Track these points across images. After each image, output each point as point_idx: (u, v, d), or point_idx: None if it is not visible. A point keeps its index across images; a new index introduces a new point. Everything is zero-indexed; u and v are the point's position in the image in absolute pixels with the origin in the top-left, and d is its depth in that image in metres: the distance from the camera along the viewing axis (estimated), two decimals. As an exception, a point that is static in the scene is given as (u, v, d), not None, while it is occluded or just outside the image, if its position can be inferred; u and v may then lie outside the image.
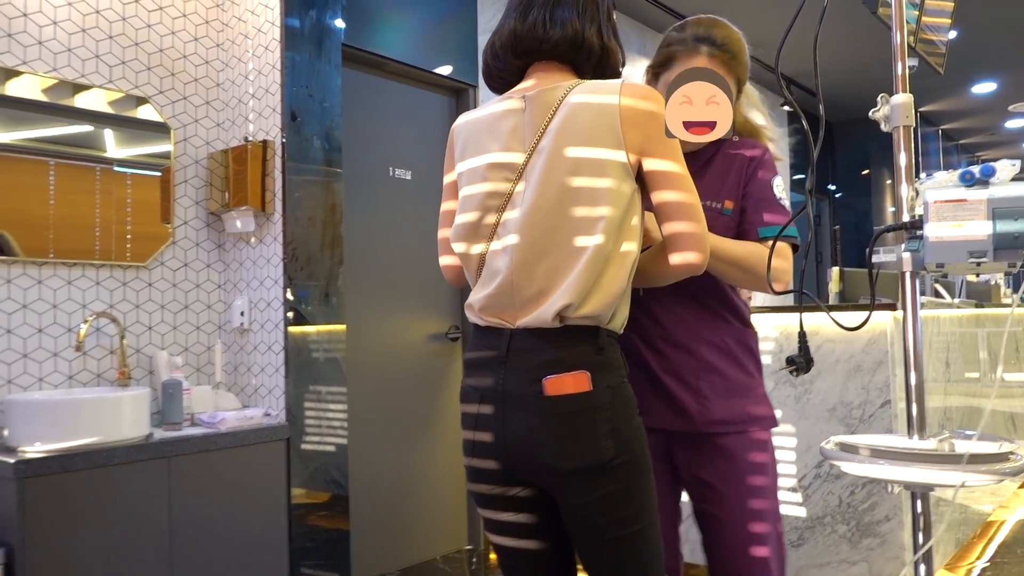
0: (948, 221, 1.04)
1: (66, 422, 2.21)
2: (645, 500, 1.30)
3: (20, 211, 2.45)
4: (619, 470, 1.27)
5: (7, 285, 2.41)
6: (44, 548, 2.09)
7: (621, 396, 1.30)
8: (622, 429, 1.28)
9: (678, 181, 1.31)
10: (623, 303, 1.34)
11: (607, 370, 1.29)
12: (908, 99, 1.14)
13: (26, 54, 2.49)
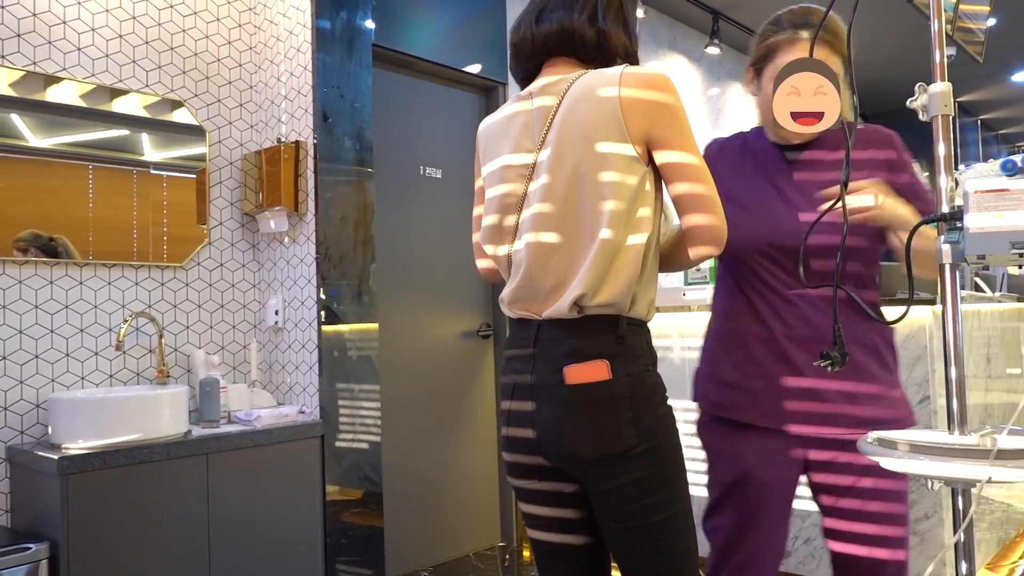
0: (989, 211, 1.02)
1: (107, 420, 2.26)
2: (672, 489, 1.29)
3: (61, 214, 2.51)
4: (642, 458, 1.26)
5: (50, 286, 2.47)
6: (86, 542, 2.14)
7: (643, 384, 1.29)
8: (643, 417, 1.27)
9: (691, 172, 1.30)
10: (644, 291, 1.33)
11: (628, 358, 1.29)
12: (947, 87, 1.11)
13: (65, 60, 2.54)
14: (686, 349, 3.15)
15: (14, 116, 2.42)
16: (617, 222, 1.28)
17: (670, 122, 1.29)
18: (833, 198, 1.27)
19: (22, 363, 2.41)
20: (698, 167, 1.30)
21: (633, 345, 1.30)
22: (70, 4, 2.56)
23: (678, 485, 1.31)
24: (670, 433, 1.30)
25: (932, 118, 1.13)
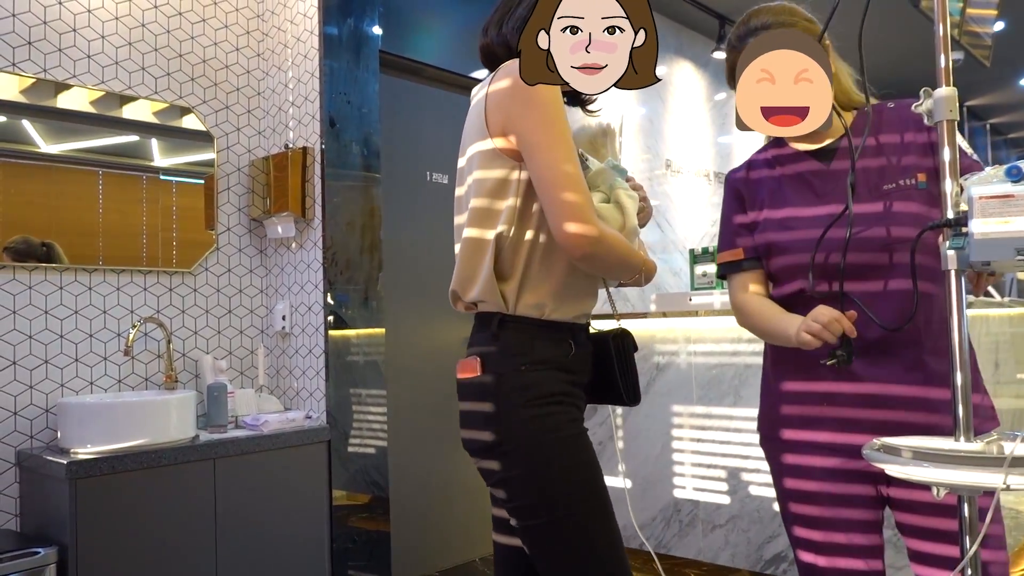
0: (994, 217, 1.00)
1: (116, 424, 2.27)
2: (547, 493, 1.24)
3: (71, 220, 2.53)
4: (507, 458, 1.26)
5: (59, 292, 2.49)
6: (95, 547, 2.15)
7: (510, 383, 1.27)
8: (508, 417, 1.25)
9: (537, 151, 1.24)
10: (532, 288, 1.30)
11: (501, 356, 1.28)
12: (952, 92, 1.10)
13: (75, 68, 2.56)
14: (693, 354, 3.15)
15: (25, 123, 2.44)
16: (477, 218, 1.30)
17: (517, 105, 1.24)
18: None
19: (32, 368, 2.42)
20: (543, 144, 1.23)
21: (509, 343, 1.29)
22: (80, 12, 2.59)
23: (555, 490, 1.24)
24: (542, 435, 1.25)
25: (937, 123, 1.11)
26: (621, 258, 1.32)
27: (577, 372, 1.35)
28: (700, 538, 3.10)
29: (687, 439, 3.16)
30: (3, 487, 2.34)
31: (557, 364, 1.30)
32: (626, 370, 1.42)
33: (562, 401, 1.29)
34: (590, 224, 1.22)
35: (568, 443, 1.27)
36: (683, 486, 3.16)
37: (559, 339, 1.32)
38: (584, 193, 1.24)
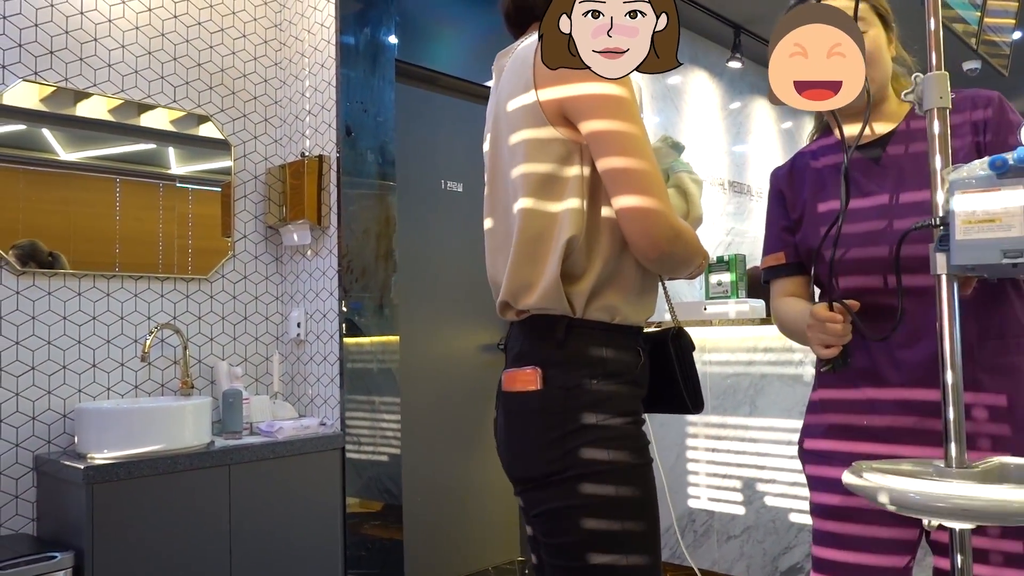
0: (979, 216, 0.91)
1: (132, 430, 2.29)
2: (607, 532, 1.09)
3: (89, 227, 2.55)
4: (565, 486, 1.10)
5: (77, 298, 2.51)
6: (111, 551, 2.16)
7: (582, 400, 1.12)
8: (574, 437, 1.11)
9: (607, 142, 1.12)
10: (603, 288, 1.16)
11: (567, 367, 1.14)
12: (943, 76, 0.99)
13: (96, 77, 2.60)
14: (708, 364, 3.13)
15: (45, 131, 2.48)
16: (532, 187, 1.16)
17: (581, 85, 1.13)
18: None
19: (50, 373, 2.44)
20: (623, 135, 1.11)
21: (577, 351, 1.14)
22: (101, 22, 2.62)
23: (627, 526, 1.10)
24: (614, 463, 1.11)
25: (927, 111, 1.00)
26: (693, 252, 1.19)
27: (645, 385, 1.22)
28: (715, 549, 3.08)
29: (702, 448, 3.14)
30: (21, 491, 2.36)
31: (630, 377, 1.17)
32: (688, 373, 1.28)
33: (637, 421, 1.16)
34: (670, 219, 1.12)
35: (640, 473, 1.13)
36: (698, 496, 3.14)
37: (630, 346, 1.18)
38: (662, 185, 1.13)
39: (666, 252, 1.13)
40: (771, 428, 2.91)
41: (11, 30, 2.42)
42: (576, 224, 1.14)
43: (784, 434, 2.87)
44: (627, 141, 1.11)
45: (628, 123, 1.11)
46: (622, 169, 1.11)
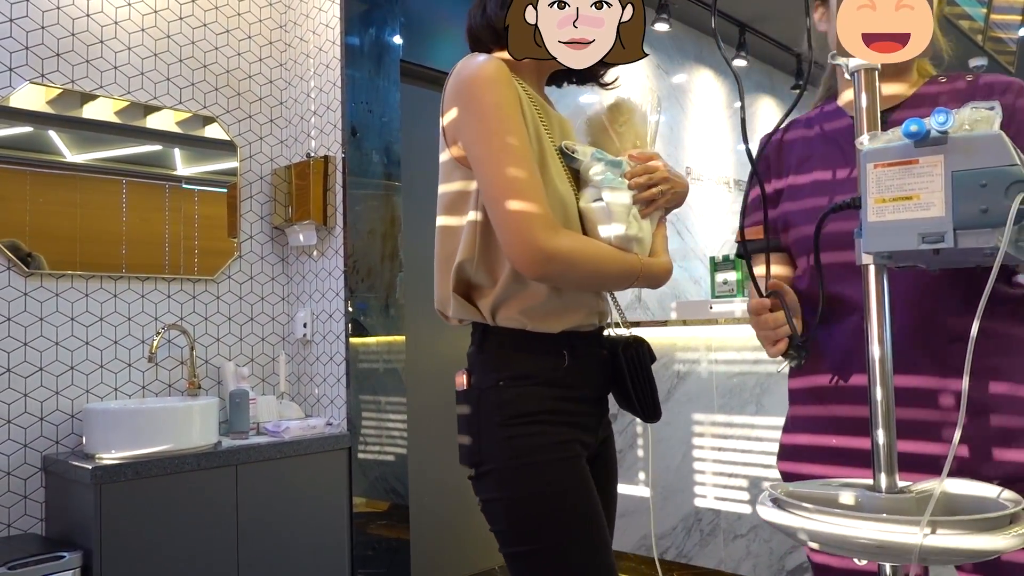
0: (893, 193, 0.78)
1: (140, 430, 2.30)
2: (522, 522, 1.13)
3: (95, 228, 2.56)
4: (485, 480, 1.16)
5: (85, 299, 2.53)
6: (119, 551, 2.17)
7: (489, 400, 1.16)
8: (484, 435, 1.16)
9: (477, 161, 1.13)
10: (511, 297, 1.17)
11: (484, 370, 1.19)
12: None
13: (102, 79, 2.61)
14: (714, 363, 3.13)
15: (51, 132, 2.49)
16: (441, 237, 1.23)
17: (460, 111, 1.15)
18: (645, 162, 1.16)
19: (58, 374, 2.45)
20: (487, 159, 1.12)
21: (491, 355, 1.19)
22: (107, 24, 2.63)
23: (531, 520, 1.13)
24: (516, 459, 1.14)
25: (854, 75, 0.91)
26: (595, 271, 1.17)
27: (576, 386, 1.22)
28: (721, 548, 3.08)
29: (708, 448, 3.14)
30: (29, 491, 2.37)
31: (544, 378, 1.18)
32: (640, 383, 1.28)
33: (546, 420, 1.16)
34: (537, 240, 1.08)
35: (549, 468, 1.14)
36: (704, 495, 3.14)
37: (549, 351, 1.19)
38: (534, 201, 1.09)
39: (547, 271, 1.11)
40: (777, 427, 2.89)
41: (18, 32, 2.43)
42: (468, 245, 1.18)
43: (790, 433, 2.86)
44: (492, 153, 1.10)
45: (495, 134, 1.10)
46: (487, 182, 1.12)
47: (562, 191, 1.18)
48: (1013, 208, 0.71)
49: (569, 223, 1.18)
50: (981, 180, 0.73)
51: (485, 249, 1.17)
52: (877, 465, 0.83)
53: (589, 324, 1.25)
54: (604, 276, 1.20)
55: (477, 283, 1.20)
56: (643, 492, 3.30)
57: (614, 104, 1.32)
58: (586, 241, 1.17)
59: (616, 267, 1.19)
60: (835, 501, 0.85)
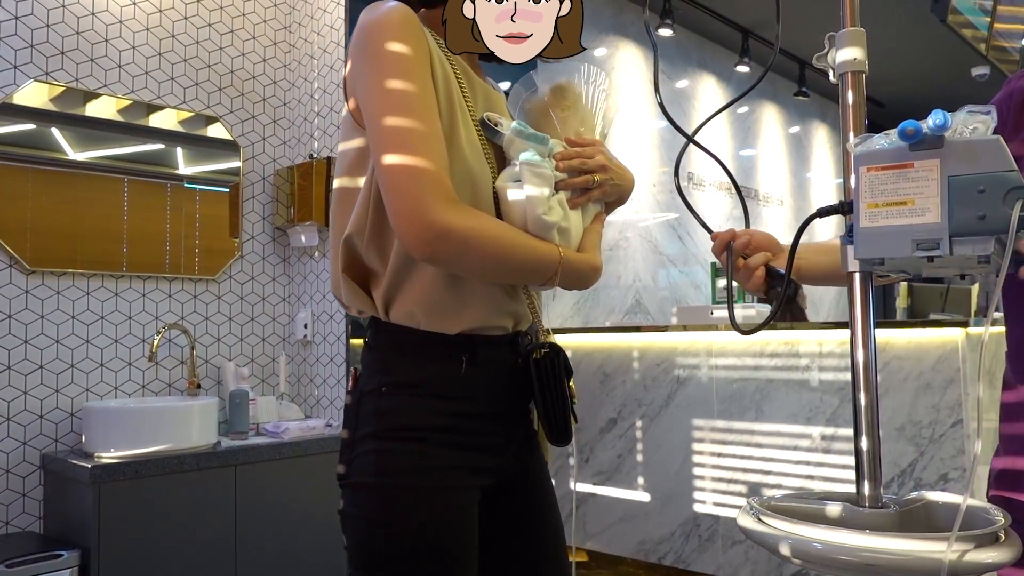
0: (886, 198, 0.75)
1: (139, 429, 2.29)
2: (372, 551, 1.00)
3: (96, 226, 2.56)
4: (347, 490, 1.04)
5: (86, 298, 2.53)
6: (117, 550, 2.17)
7: (368, 407, 1.03)
8: (358, 443, 1.03)
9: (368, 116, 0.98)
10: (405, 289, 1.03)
11: (371, 371, 1.05)
12: (859, 33, 0.87)
13: (107, 77, 2.61)
14: (714, 368, 3.13)
15: (54, 130, 2.49)
16: (336, 204, 1.08)
17: (357, 60, 1.00)
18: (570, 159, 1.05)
19: (58, 372, 2.45)
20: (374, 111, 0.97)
21: (378, 357, 1.05)
22: (112, 23, 2.63)
23: (379, 549, 1.00)
24: (384, 478, 1.00)
25: (840, 76, 0.87)
26: (499, 256, 0.99)
27: (477, 399, 1.05)
28: (720, 553, 3.07)
29: (707, 453, 3.13)
30: (28, 489, 2.37)
31: (433, 389, 1.02)
32: (551, 400, 1.08)
33: (427, 439, 1.01)
34: (426, 207, 0.92)
35: (416, 495, 1.00)
36: (703, 500, 3.14)
37: (442, 355, 1.03)
38: (428, 159, 0.94)
39: (438, 250, 0.93)
40: (776, 433, 2.90)
41: (23, 30, 2.43)
42: (360, 214, 1.02)
43: (790, 439, 2.87)
44: (382, 99, 0.96)
45: (388, 80, 0.95)
46: (374, 134, 0.96)
47: (474, 167, 1.02)
48: (1014, 215, 0.70)
49: (479, 205, 1.01)
50: (979, 185, 0.71)
51: (377, 222, 1.01)
52: (861, 474, 0.81)
53: (496, 327, 1.07)
54: (511, 264, 1.01)
55: (369, 265, 1.05)
56: (641, 496, 3.29)
57: (558, 87, 1.17)
58: (492, 220, 1.00)
59: (528, 255, 1.01)
60: (818, 514, 0.82)
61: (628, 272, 4.44)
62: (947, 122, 0.71)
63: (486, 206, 1.03)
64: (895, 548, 0.71)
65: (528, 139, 1.06)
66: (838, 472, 2.76)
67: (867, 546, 0.72)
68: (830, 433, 2.77)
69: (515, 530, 1.14)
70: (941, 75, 5.92)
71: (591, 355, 3.46)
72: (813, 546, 0.74)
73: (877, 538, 0.72)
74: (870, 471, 0.80)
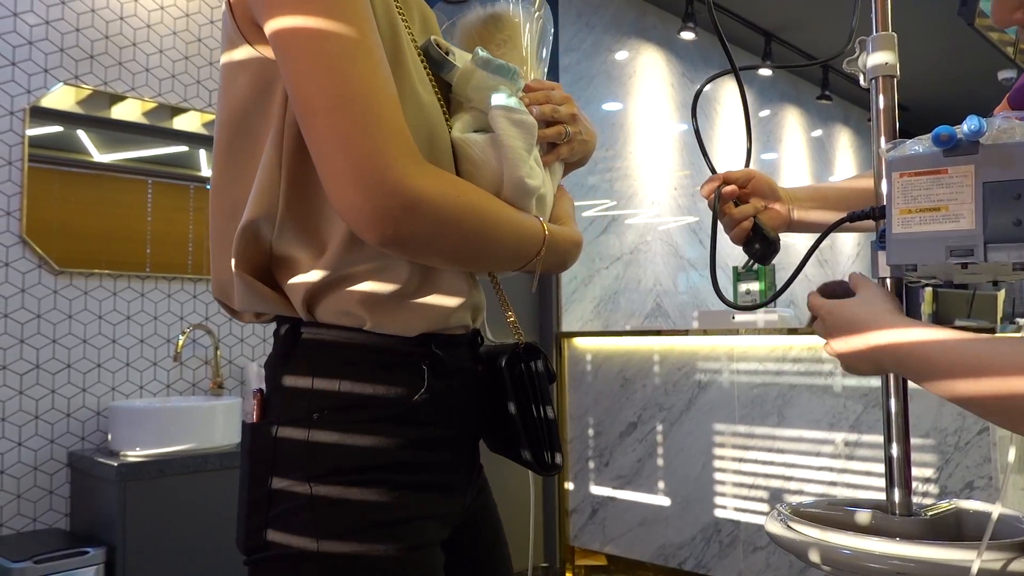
0: (920, 203, 0.73)
1: (164, 428, 2.32)
2: None
3: (121, 227, 2.60)
4: (272, 567, 0.74)
5: (113, 298, 2.56)
6: (142, 548, 2.19)
7: (292, 446, 0.75)
8: (276, 502, 0.74)
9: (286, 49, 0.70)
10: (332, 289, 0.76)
11: (290, 394, 0.77)
12: (889, 38, 0.86)
13: (134, 80, 2.65)
14: (735, 373, 3.11)
15: (80, 132, 2.53)
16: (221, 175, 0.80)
17: None
18: None
19: (85, 371, 2.49)
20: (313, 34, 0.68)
21: (303, 373, 0.77)
22: (140, 27, 2.67)
23: None
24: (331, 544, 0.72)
25: (872, 81, 0.85)
26: (480, 231, 0.75)
27: (438, 423, 0.81)
28: (741, 559, 3.05)
29: (728, 458, 3.12)
30: (55, 487, 2.40)
31: (390, 412, 0.76)
32: (530, 415, 0.85)
33: (387, 482, 0.75)
34: (393, 174, 0.67)
35: (382, 567, 0.73)
36: (724, 506, 3.12)
37: (399, 365, 0.78)
38: (388, 114, 0.69)
39: (404, 229, 0.69)
40: (799, 439, 2.88)
41: (53, 35, 2.47)
42: (266, 192, 0.75)
43: (812, 445, 2.84)
44: (319, 40, 0.67)
45: (323, 13, 0.68)
46: (309, 86, 0.68)
47: (428, 109, 0.77)
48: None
49: (437, 159, 0.76)
50: (1015, 191, 0.69)
51: (296, 198, 0.75)
52: (892, 481, 0.80)
53: (460, 323, 0.83)
54: (493, 245, 0.78)
55: (283, 254, 0.77)
56: (662, 501, 3.28)
57: (493, 15, 0.93)
58: (467, 186, 0.76)
59: (513, 231, 0.79)
60: (848, 521, 0.81)
61: (648, 276, 4.43)
62: (982, 127, 0.70)
63: (444, 161, 0.78)
64: (925, 556, 0.71)
65: (497, 72, 0.82)
66: (861, 479, 2.74)
67: (897, 553, 0.71)
68: (854, 439, 2.75)
69: None
70: (967, 78, 5.86)
71: (611, 359, 3.46)
72: (842, 552, 0.74)
73: (907, 546, 0.72)
74: (901, 478, 0.79)
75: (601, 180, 4.17)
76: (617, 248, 4.19)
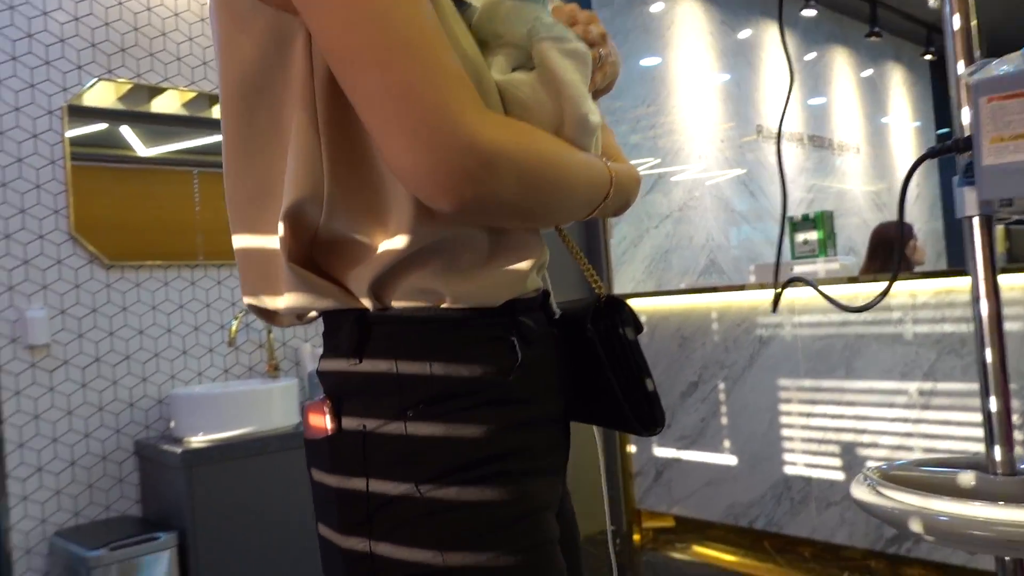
0: (1013, 129, 0.64)
1: (224, 413, 2.34)
2: None
3: (169, 218, 2.61)
4: None
5: (164, 288, 2.58)
6: (211, 531, 2.22)
7: (386, 451, 0.67)
8: (377, 522, 0.66)
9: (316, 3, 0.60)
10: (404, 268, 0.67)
11: (372, 394, 0.68)
12: None
13: (167, 71, 2.64)
14: (798, 326, 3.00)
15: (124, 128, 2.53)
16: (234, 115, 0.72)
17: None
18: None
19: (144, 361, 2.52)
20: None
21: (381, 368, 0.68)
22: (168, 16, 2.66)
23: None
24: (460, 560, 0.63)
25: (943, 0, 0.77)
26: (560, 186, 0.68)
27: (534, 400, 0.72)
28: (814, 516, 2.97)
29: (796, 414, 3.02)
30: (125, 475, 2.45)
31: (490, 394, 0.68)
32: (626, 374, 0.77)
33: (503, 475, 0.67)
34: (464, 128, 0.58)
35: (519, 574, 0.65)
36: (794, 462, 3.03)
37: (490, 339, 0.69)
38: (447, 64, 0.60)
39: (483, 189, 0.60)
40: (870, 391, 2.76)
41: (84, 30, 2.47)
42: (307, 166, 0.64)
43: (884, 396, 2.73)
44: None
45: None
46: (354, 40, 0.58)
47: (472, 54, 0.67)
48: None
49: (490, 108, 0.66)
50: None
51: (343, 169, 0.65)
52: (991, 438, 0.73)
53: (535, 285, 0.76)
54: (569, 191, 0.70)
55: (337, 237, 0.67)
56: (728, 460, 3.21)
57: None
58: (533, 131, 0.67)
59: (584, 174, 0.70)
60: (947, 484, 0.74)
61: (700, 232, 4.31)
62: None
63: (496, 111, 0.68)
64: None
65: (538, 2, 0.72)
66: (938, 428, 2.62)
67: (1005, 519, 0.64)
68: (928, 388, 2.63)
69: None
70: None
71: (668, 319, 3.37)
72: (943, 520, 0.67)
73: (1016, 510, 0.64)
74: (1001, 434, 0.73)
75: (644, 138, 4.05)
76: (665, 206, 4.08)
